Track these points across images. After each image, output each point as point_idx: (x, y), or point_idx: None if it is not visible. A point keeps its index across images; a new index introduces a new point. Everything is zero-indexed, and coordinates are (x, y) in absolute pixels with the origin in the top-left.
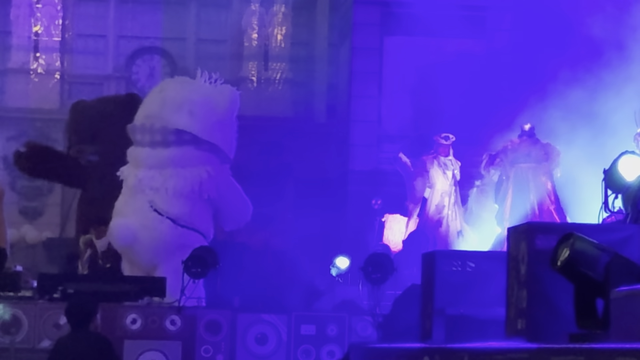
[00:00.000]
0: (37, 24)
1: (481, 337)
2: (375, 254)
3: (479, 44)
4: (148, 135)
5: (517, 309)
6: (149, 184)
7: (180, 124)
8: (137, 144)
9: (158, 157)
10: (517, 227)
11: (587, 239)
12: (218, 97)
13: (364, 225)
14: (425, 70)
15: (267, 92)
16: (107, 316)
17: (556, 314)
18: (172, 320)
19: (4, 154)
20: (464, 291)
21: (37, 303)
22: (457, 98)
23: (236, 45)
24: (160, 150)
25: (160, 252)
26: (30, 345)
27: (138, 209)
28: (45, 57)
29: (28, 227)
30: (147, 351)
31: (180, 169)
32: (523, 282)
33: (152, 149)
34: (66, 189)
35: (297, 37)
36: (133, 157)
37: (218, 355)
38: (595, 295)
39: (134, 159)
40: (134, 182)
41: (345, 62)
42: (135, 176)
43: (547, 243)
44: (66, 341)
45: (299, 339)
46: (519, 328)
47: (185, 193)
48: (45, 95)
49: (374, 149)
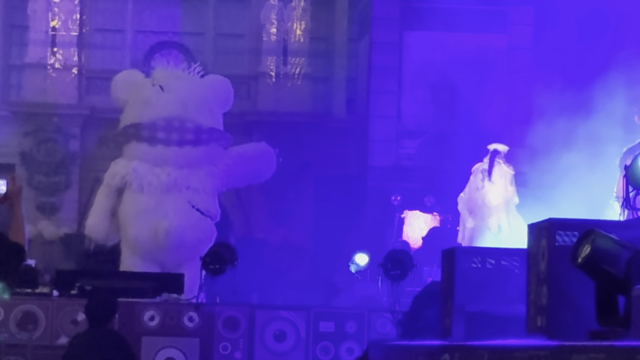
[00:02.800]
0: (54, 19)
1: (501, 334)
2: (394, 250)
3: (499, 39)
4: (176, 134)
5: (537, 306)
6: (185, 183)
7: (208, 122)
8: (154, 142)
9: (189, 156)
10: (537, 223)
11: (608, 236)
12: (222, 91)
13: (383, 222)
14: (445, 66)
15: (286, 87)
16: (124, 313)
17: (577, 311)
18: (190, 317)
19: (22, 149)
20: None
21: (54, 299)
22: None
23: (255, 40)
24: (189, 149)
25: (198, 250)
26: (47, 342)
27: (179, 209)
28: (62, 52)
29: (45, 223)
30: (164, 348)
31: (212, 166)
32: (543, 279)
33: (180, 147)
34: (83, 185)
35: (316, 32)
36: (151, 156)
37: (236, 352)
38: (617, 292)
39: (152, 158)
40: (167, 181)
41: (365, 57)
42: (168, 175)
43: (567, 239)
44: (83, 338)
45: (318, 336)
46: (539, 325)
47: (216, 190)
48: (63, 91)
49: (393, 144)
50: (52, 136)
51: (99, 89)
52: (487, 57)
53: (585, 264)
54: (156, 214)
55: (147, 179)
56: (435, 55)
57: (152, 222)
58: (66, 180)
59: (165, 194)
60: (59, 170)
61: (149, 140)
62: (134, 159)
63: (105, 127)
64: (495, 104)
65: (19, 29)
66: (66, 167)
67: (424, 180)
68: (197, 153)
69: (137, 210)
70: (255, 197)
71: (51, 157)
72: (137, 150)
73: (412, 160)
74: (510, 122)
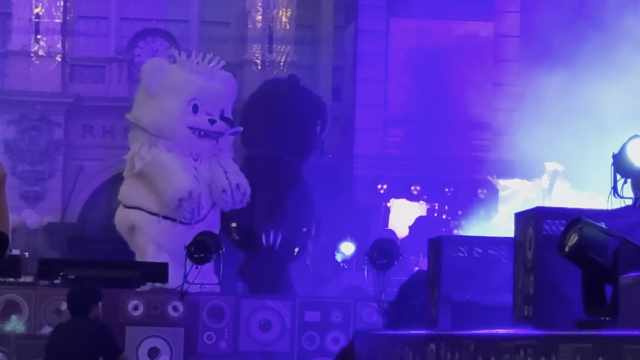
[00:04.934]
0: (38, 6)
1: (488, 324)
2: (380, 239)
3: (486, 27)
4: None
5: (524, 296)
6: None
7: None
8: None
9: (215, 147)
10: (524, 211)
11: (595, 224)
12: (230, 85)
13: (369, 211)
14: (432, 53)
15: (272, 75)
16: (108, 302)
17: (564, 300)
18: (175, 306)
19: (5, 137)
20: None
21: (37, 289)
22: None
23: (240, 27)
24: (214, 141)
25: None
26: (30, 332)
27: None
28: (46, 39)
29: (29, 212)
30: (149, 338)
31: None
32: (530, 268)
33: (210, 139)
34: (67, 173)
35: (302, 20)
36: (187, 147)
37: (221, 341)
38: (604, 281)
39: (186, 148)
40: (193, 171)
41: (351, 44)
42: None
43: (554, 228)
44: (64, 328)
45: (303, 325)
46: (526, 315)
47: None
48: (47, 78)
49: (379, 133)
50: (36, 124)
51: (83, 77)
52: (474, 45)
53: (573, 252)
54: None
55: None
56: (422, 42)
57: None
58: (50, 168)
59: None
60: (42, 158)
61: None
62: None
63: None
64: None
65: (2, 16)
66: (50, 155)
67: (411, 168)
68: (222, 145)
69: None
70: None
71: (35, 145)
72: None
73: (398, 148)
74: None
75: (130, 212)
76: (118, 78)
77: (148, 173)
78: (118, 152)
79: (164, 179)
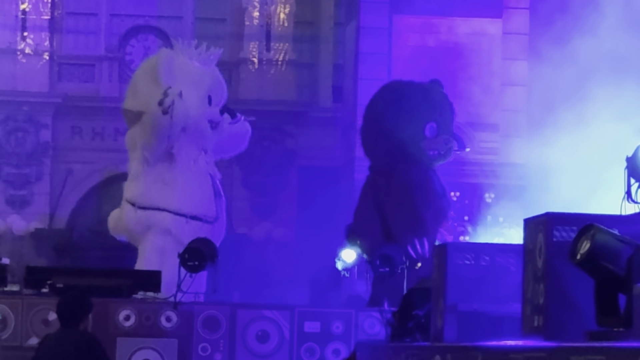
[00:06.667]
0: (24, 2)
1: (496, 334)
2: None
3: (494, 24)
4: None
5: (533, 305)
6: (212, 167)
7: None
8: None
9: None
10: (534, 217)
11: (608, 231)
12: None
13: None
14: (437, 52)
15: (269, 74)
16: (98, 312)
17: (575, 310)
18: (168, 316)
19: None
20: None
21: (24, 298)
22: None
23: (236, 24)
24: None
25: None
26: (17, 343)
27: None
28: (33, 36)
29: (15, 217)
30: (140, 349)
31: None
32: (540, 277)
33: (216, 131)
34: (55, 177)
35: (301, 16)
36: (201, 141)
37: (216, 353)
38: (617, 290)
39: (200, 141)
40: (205, 165)
41: (352, 42)
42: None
43: (565, 235)
44: (53, 339)
45: (303, 336)
46: (535, 325)
47: None
48: (34, 77)
49: None
50: (22, 125)
51: (72, 76)
52: (481, 43)
53: (585, 260)
54: None
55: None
56: (426, 40)
57: None
58: (37, 172)
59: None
60: (29, 161)
61: None
62: None
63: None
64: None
65: None
66: (37, 158)
67: None
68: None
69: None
70: (237, 190)
71: (21, 147)
72: None
73: None
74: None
75: (147, 213)
76: (108, 77)
77: None
78: (108, 154)
79: None
